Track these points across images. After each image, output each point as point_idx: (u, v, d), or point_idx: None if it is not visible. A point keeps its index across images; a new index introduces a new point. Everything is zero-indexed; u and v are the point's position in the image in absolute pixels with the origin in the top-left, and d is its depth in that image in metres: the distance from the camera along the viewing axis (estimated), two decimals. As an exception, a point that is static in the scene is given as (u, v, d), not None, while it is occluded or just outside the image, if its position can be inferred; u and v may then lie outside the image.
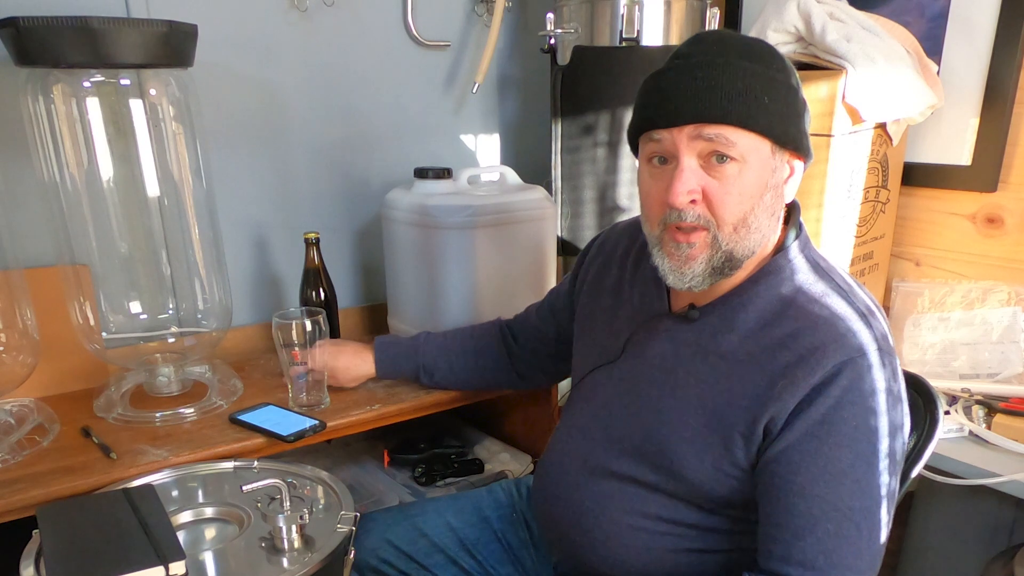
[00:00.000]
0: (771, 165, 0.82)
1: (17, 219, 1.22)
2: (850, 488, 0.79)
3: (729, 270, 0.85)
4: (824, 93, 1.32)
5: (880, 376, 0.80)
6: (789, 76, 0.83)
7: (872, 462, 0.79)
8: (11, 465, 1.05)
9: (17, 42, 1.01)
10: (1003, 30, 1.40)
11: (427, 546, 1.11)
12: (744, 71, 0.80)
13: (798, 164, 0.87)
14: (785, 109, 0.81)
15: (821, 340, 0.80)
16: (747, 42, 0.83)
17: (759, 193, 0.82)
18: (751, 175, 0.81)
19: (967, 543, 1.41)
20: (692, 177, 0.81)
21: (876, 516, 0.80)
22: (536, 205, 1.43)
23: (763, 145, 0.81)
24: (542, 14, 1.54)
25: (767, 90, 0.80)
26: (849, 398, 0.78)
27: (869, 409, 0.79)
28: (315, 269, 1.39)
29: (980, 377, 1.42)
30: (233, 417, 1.16)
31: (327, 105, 1.55)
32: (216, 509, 0.95)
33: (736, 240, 0.83)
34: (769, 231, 0.85)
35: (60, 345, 1.25)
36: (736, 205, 0.81)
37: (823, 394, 0.79)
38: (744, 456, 0.84)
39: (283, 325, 1.19)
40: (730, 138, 0.79)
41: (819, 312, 0.82)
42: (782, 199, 0.86)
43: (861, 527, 0.79)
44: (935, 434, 0.95)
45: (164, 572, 0.76)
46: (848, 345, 0.79)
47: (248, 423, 1.15)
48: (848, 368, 0.79)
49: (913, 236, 1.63)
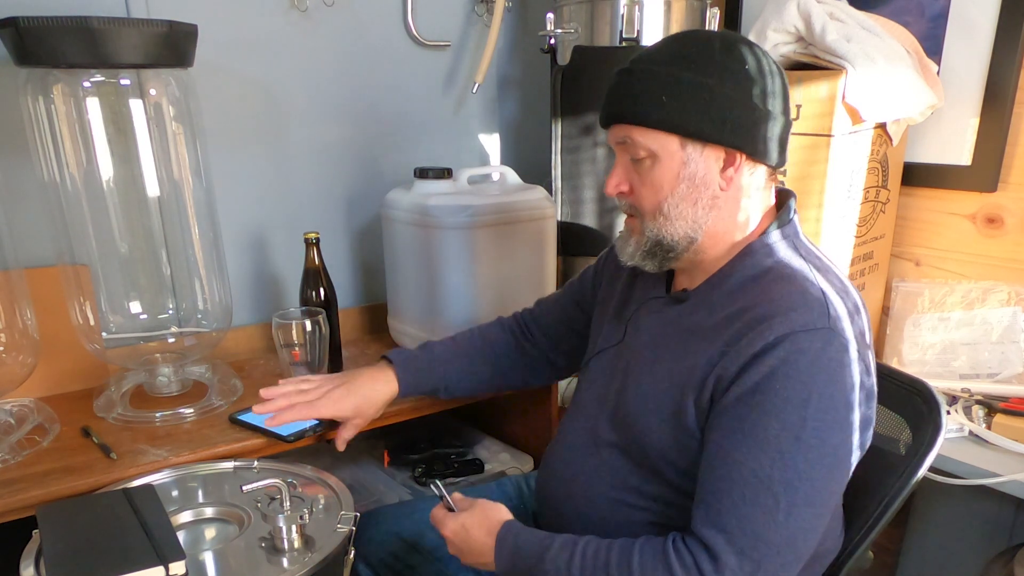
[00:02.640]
0: (681, 158, 0.88)
1: (17, 219, 1.22)
2: (772, 457, 0.79)
3: (663, 256, 0.93)
4: (824, 93, 1.32)
5: (823, 356, 0.80)
6: (706, 76, 0.85)
7: (799, 436, 0.79)
8: (11, 465, 1.05)
9: (17, 42, 1.01)
10: (1003, 30, 1.40)
11: (435, 538, 1.12)
12: (649, 75, 0.87)
13: (744, 160, 0.88)
14: (696, 107, 0.85)
15: (770, 312, 0.82)
16: (685, 46, 0.88)
17: (672, 185, 0.88)
18: (661, 169, 0.88)
19: (967, 543, 1.42)
20: (620, 172, 0.93)
21: (798, 491, 0.79)
22: (536, 205, 1.43)
23: (669, 140, 0.87)
24: (542, 14, 1.54)
25: (666, 90, 0.86)
26: (784, 370, 0.79)
27: (803, 384, 0.79)
28: (315, 269, 1.39)
29: (980, 377, 1.42)
30: (233, 417, 1.16)
31: (327, 105, 1.55)
32: (216, 509, 0.95)
33: (658, 228, 0.91)
34: (701, 219, 0.89)
35: (60, 345, 1.25)
36: (651, 196, 0.90)
37: (760, 362, 0.80)
38: (695, 423, 0.87)
39: (283, 325, 1.20)
40: (634, 137, 0.89)
41: (778, 288, 0.85)
42: (706, 189, 0.89)
43: (780, 499, 0.79)
44: (937, 441, 0.94)
45: (164, 572, 0.76)
46: (794, 320, 0.80)
47: (248, 423, 1.14)
48: (788, 340, 0.80)
49: (913, 236, 1.63)
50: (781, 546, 0.80)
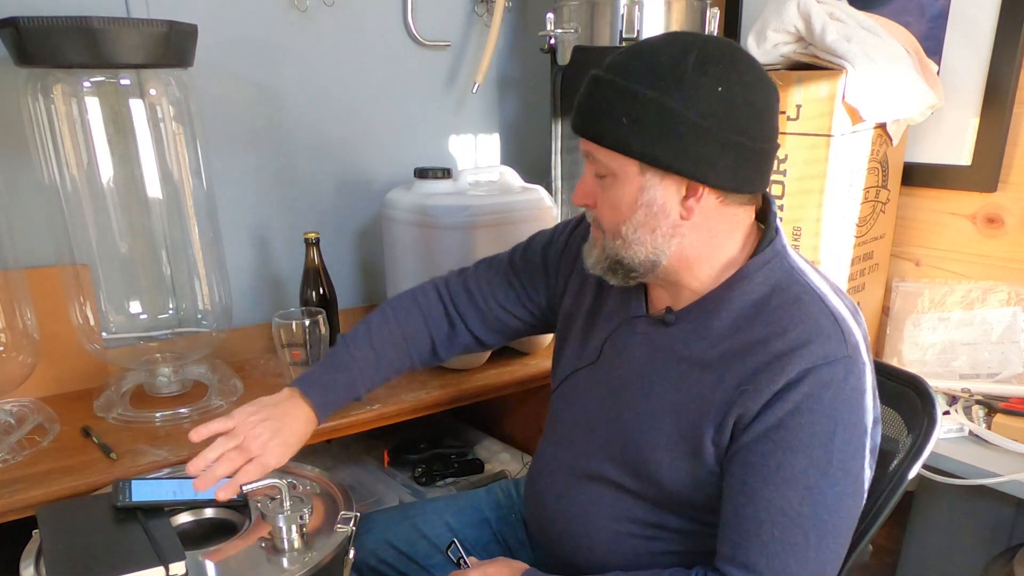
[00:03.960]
0: (639, 183, 0.82)
1: (17, 219, 1.22)
2: (801, 494, 0.78)
3: (624, 275, 0.88)
4: (824, 93, 1.32)
5: (845, 386, 0.79)
6: (672, 99, 0.77)
7: (827, 471, 0.78)
8: (11, 465, 1.05)
9: (17, 42, 1.01)
10: (1003, 30, 1.40)
11: (426, 547, 1.11)
12: (613, 89, 0.80)
13: (707, 192, 0.81)
14: (656, 132, 0.78)
15: (789, 346, 0.80)
16: (660, 56, 0.79)
17: (629, 209, 0.83)
18: (619, 190, 0.83)
19: (967, 543, 1.41)
20: (586, 183, 0.87)
21: (827, 525, 0.79)
22: (536, 205, 1.43)
23: (629, 164, 0.81)
24: (542, 14, 1.54)
25: (628, 109, 0.79)
26: (808, 405, 0.78)
27: (829, 417, 0.78)
28: (315, 269, 1.39)
29: (980, 377, 1.42)
30: (122, 502, 0.89)
31: (327, 105, 1.55)
32: (216, 509, 0.95)
33: (615, 248, 0.86)
34: (662, 246, 0.84)
35: (60, 345, 1.25)
36: (610, 215, 0.85)
37: (783, 399, 0.79)
38: (715, 461, 0.84)
39: (284, 325, 1.20)
40: (596, 155, 0.83)
41: (789, 316, 0.82)
42: (666, 217, 0.83)
43: (809, 535, 0.78)
44: (932, 435, 0.94)
45: (164, 572, 0.76)
46: (814, 353, 0.79)
47: (149, 503, 0.90)
48: (811, 375, 0.78)
49: (913, 236, 1.63)
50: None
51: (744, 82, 0.79)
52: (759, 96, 0.80)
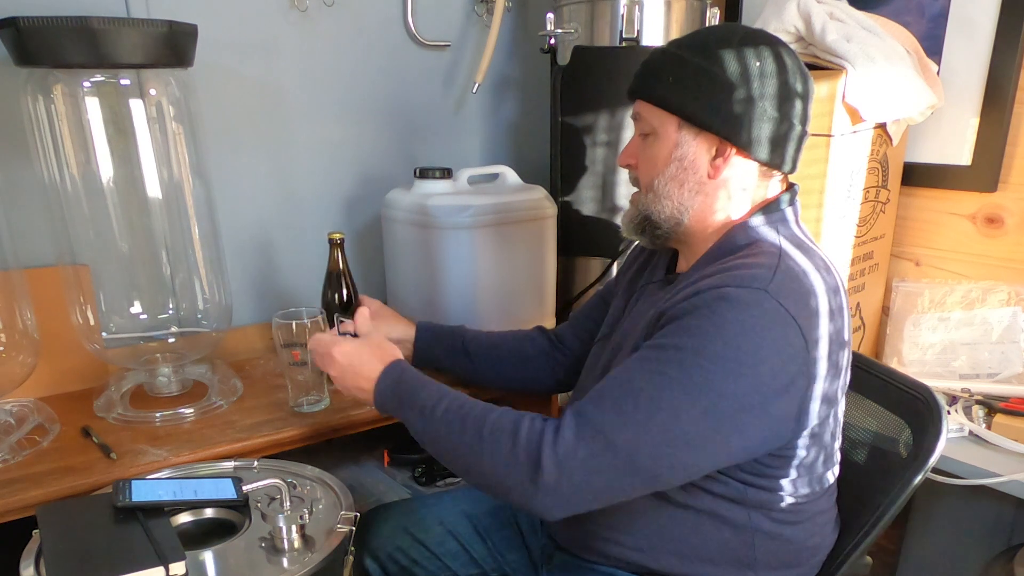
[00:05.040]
0: (675, 139, 0.91)
1: (17, 219, 1.22)
2: (652, 374, 0.81)
3: (651, 232, 0.96)
4: (824, 93, 1.32)
5: (746, 311, 0.79)
6: (713, 64, 0.87)
7: (686, 367, 0.79)
8: (11, 465, 1.05)
9: (17, 42, 1.01)
10: (1003, 30, 1.40)
11: (441, 533, 1.15)
12: (664, 55, 0.91)
13: (735, 153, 0.89)
14: (695, 91, 0.88)
15: (711, 283, 0.83)
16: (711, 34, 0.90)
17: (664, 163, 0.92)
18: (658, 145, 0.92)
19: (967, 543, 1.42)
20: (632, 145, 0.97)
21: (658, 413, 0.79)
22: (536, 205, 1.43)
23: (669, 120, 0.90)
24: (542, 14, 1.54)
25: (674, 70, 0.89)
26: (702, 310, 0.81)
27: (713, 324, 0.79)
28: (338, 271, 1.31)
29: (980, 377, 1.42)
30: (122, 502, 0.88)
31: (327, 105, 1.55)
32: (216, 509, 0.95)
33: (648, 203, 0.94)
34: (687, 202, 0.92)
35: (60, 345, 1.25)
36: (647, 171, 0.94)
37: (686, 301, 0.83)
38: None
39: (283, 325, 1.19)
40: (641, 112, 0.94)
41: (740, 263, 0.85)
42: (694, 173, 0.91)
43: (639, 408, 0.80)
44: (938, 447, 0.92)
45: (164, 572, 0.76)
46: (730, 278, 0.82)
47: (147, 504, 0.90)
48: (717, 290, 0.81)
49: (913, 236, 1.63)
50: (619, 450, 0.80)
51: (782, 63, 0.88)
52: (795, 79, 0.89)
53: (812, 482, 0.91)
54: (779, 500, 0.90)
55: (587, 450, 0.81)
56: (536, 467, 0.81)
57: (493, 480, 0.86)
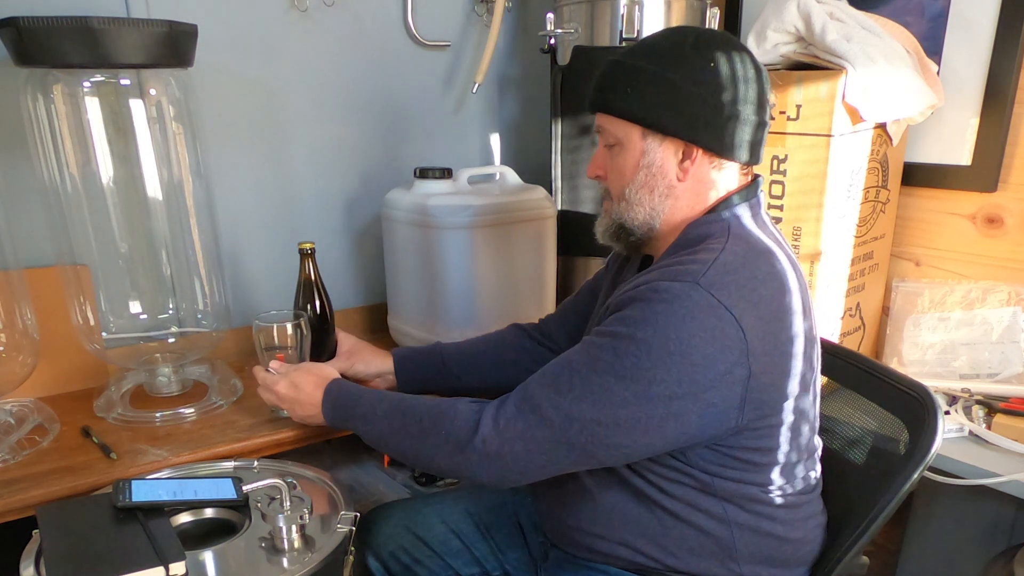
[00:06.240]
0: (641, 148, 0.92)
1: (17, 219, 1.22)
2: (586, 354, 0.87)
3: (627, 238, 0.98)
4: (824, 93, 1.32)
5: (676, 303, 0.82)
6: (669, 70, 0.88)
7: (619, 352, 0.83)
8: (11, 465, 1.05)
9: (17, 42, 1.01)
10: (1003, 30, 1.40)
11: (444, 532, 1.16)
12: (619, 66, 0.92)
13: (701, 154, 0.91)
14: (655, 99, 0.89)
15: (649, 277, 0.87)
16: (662, 41, 0.92)
17: (632, 172, 0.94)
18: (624, 155, 0.94)
19: (967, 543, 1.41)
20: (598, 157, 0.99)
21: (590, 392, 0.84)
22: (536, 205, 1.43)
23: (633, 129, 0.92)
24: (542, 14, 1.54)
25: (632, 81, 0.90)
26: (638, 302, 0.85)
27: (642, 314, 0.83)
28: (309, 281, 1.25)
29: (980, 377, 1.42)
30: (122, 502, 0.89)
31: (327, 105, 1.55)
32: (216, 509, 0.95)
33: (621, 212, 0.96)
34: (658, 207, 0.94)
35: (60, 345, 1.25)
36: (617, 181, 0.96)
37: (624, 295, 0.87)
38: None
39: (264, 328, 1.15)
40: (604, 124, 0.95)
41: (672, 263, 0.88)
42: (663, 178, 0.93)
43: (573, 386, 0.85)
44: (933, 447, 0.92)
45: (164, 572, 0.76)
46: (665, 274, 0.85)
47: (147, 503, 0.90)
48: (653, 284, 0.84)
49: (913, 236, 1.63)
50: (554, 424, 0.86)
51: (742, 61, 0.90)
52: (753, 75, 0.91)
53: (787, 476, 0.92)
54: (750, 492, 0.91)
55: (525, 422, 0.87)
56: (476, 434, 0.89)
57: (443, 460, 0.93)
